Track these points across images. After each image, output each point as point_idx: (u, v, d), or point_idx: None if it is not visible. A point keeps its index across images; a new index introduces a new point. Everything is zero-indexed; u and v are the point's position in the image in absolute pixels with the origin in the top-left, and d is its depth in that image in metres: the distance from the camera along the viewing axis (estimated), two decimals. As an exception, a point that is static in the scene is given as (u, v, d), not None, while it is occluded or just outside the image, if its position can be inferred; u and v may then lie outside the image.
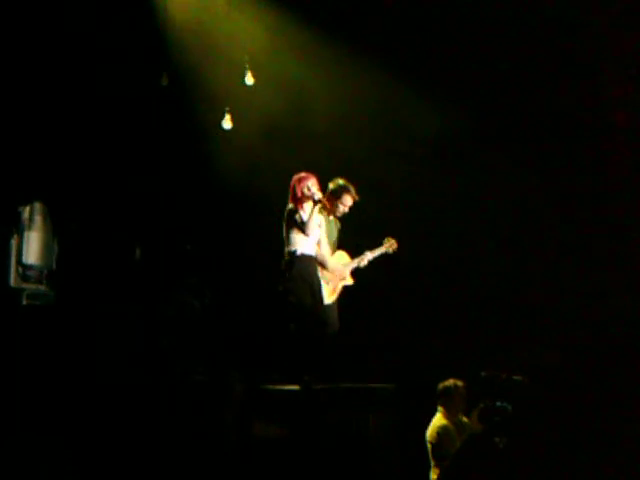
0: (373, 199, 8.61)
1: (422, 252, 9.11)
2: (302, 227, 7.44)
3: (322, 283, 7.75)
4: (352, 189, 7.96)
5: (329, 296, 7.89)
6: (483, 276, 9.07)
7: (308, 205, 7.55)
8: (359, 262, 8.15)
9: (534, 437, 7.41)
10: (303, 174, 7.64)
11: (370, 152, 9.46)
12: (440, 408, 7.56)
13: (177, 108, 9.61)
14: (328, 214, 7.91)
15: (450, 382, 7.60)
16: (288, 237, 7.53)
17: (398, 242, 8.29)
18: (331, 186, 7.94)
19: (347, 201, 7.97)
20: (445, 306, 9.16)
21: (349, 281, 8.13)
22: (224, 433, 7.40)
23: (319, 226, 7.65)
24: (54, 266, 8.01)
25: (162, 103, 9.46)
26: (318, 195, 7.52)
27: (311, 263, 7.59)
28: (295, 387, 7.30)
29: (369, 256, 8.19)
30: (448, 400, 7.55)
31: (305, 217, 7.48)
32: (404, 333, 9.14)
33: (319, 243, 7.73)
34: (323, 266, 7.82)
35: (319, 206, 7.50)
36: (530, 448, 7.17)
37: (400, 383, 7.67)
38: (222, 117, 9.37)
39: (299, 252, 7.48)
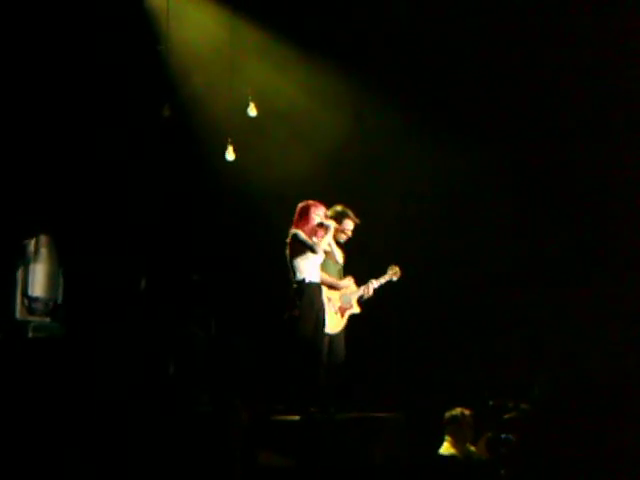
0: (377, 227, 8.66)
1: (429, 280, 9.16)
2: (311, 248, 7.44)
3: (330, 312, 7.76)
4: (351, 213, 7.99)
5: (336, 325, 7.89)
6: (491, 304, 9.11)
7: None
8: (365, 290, 8.14)
9: (541, 463, 7.40)
10: (313, 202, 7.67)
11: (373, 180, 9.53)
12: (447, 437, 7.54)
13: (180, 138, 9.65)
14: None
15: (457, 411, 7.58)
16: (294, 265, 7.51)
17: (402, 270, 8.30)
18: (330, 214, 7.94)
19: (348, 225, 7.99)
20: (452, 334, 9.19)
21: (356, 309, 8.10)
22: (229, 463, 7.37)
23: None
24: (60, 298, 8.02)
25: (165, 133, 9.49)
26: (332, 224, 7.61)
27: (319, 291, 7.59)
28: (301, 418, 7.29)
29: (374, 284, 8.16)
30: (455, 429, 7.54)
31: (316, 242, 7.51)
32: (411, 362, 9.15)
33: (323, 267, 7.73)
34: (334, 286, 7.84)
35: (331, 232, 7.57)
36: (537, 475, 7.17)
37: (407, 412, 7.67)
38: (225, 148, 9.41)
39: (307, 280, 7.48)
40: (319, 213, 7.61)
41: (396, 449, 7.32)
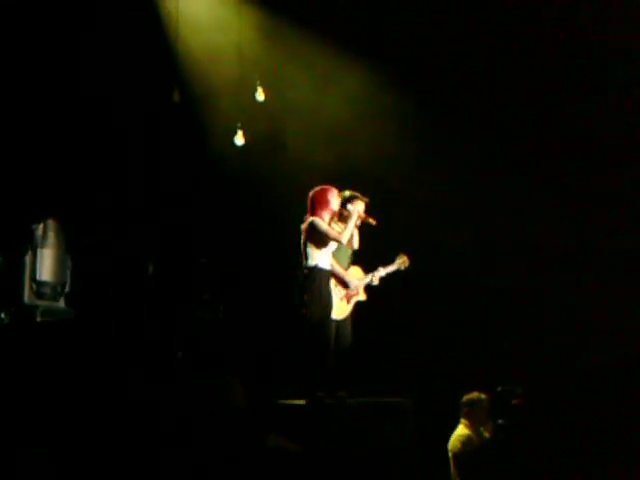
0: (385, 214, 8.65)
1: (438, 267, 9.17)
2: (334, 239, 7.46)
3: (335, 299, 7.75)
4: (359, 194, 7.95)
5: (343, 311, 7.89)
6: (501, 290, 9.13)
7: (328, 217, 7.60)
8: (372, 278, 8.13)
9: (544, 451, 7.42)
10: (327, 186, 7.62)
11: (383, 166, 9.53)
12: (463, 420, 7.61)
13: (189, 124, 9.65)
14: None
15: (474, 395, 7.67)
16: (307, 251, 7.48)
17: (411, 258, 8.28)
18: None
19: (360, 207, 7.94)
20: (460, 320, 9.22)
21: (362, 297, 8.10)
22: (231, 445, 7.36)
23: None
24: (67, 283, 8.03)
25: (174, 119, 9.50)
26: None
27: (328, 278, 7.59)
28: (308, 402, 7.30)
29: (382, 272, 8.15)
30: (471, 412, 7.60)
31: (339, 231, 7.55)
32: (419, 347, 9.18)
33: (335, 251, 7.72)
34: (341, 279, 7.84)
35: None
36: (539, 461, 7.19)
37: (414, 397, 7.69)
38: (234, 133, 9.41)
39: (318, 267, 7.46)
40: (335, 197, 7.59)
41: (405, 434, 7.35)
